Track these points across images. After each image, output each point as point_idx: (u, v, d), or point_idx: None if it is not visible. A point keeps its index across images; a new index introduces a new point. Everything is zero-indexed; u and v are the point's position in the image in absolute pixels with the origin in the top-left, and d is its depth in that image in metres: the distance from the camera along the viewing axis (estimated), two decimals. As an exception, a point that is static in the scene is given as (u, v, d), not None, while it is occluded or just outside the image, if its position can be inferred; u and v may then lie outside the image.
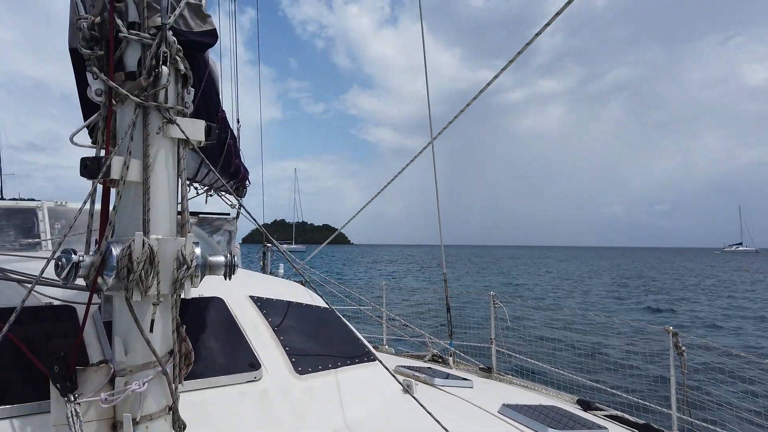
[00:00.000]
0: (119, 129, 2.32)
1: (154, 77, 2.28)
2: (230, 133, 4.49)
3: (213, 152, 4.28)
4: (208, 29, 2.56)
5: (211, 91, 3.50)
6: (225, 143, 4.38)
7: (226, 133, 4.31)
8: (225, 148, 4.44)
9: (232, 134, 4.64)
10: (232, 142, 4.61)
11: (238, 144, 5.30)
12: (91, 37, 2.29)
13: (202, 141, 2.48)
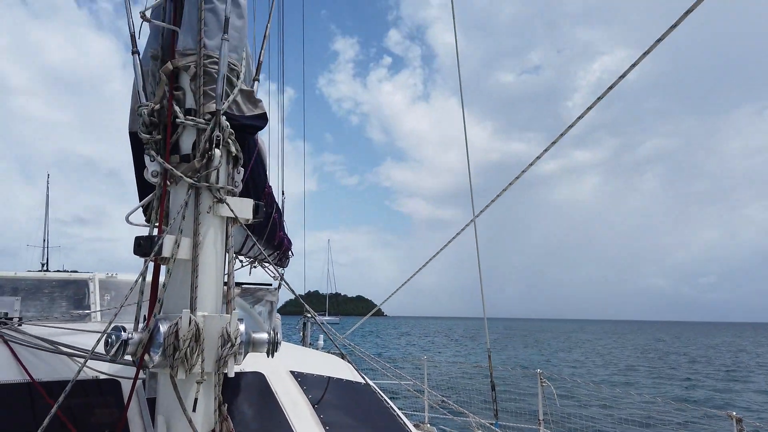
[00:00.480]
0: (172, 208, 2.41)
1: (207, 159, 2.39)
2: (276, 207, 4.61)
3: (259, 226, 4.39)
4: (259, 113, 2.69)
5: (259, 169, 3.63)
6: (270, 217, 4.49)
7: (272, 207, 4.42)
8: (270, 221, 4.54)
9: (277, 208, 4.76)
10: (277, 215, 4.72)
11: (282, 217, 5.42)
12: (150, 123, 2.43)
13: (250, 219, 2.55)
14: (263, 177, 3.83)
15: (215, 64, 2.46)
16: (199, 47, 2.47)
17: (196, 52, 2.47)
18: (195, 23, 2.50)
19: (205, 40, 2.48)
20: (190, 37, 2.51)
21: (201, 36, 2.48)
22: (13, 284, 5.06)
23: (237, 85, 2.56)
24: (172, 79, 2.49)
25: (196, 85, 2.46)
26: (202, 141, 2.40)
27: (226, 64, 2.46)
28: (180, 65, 2.48)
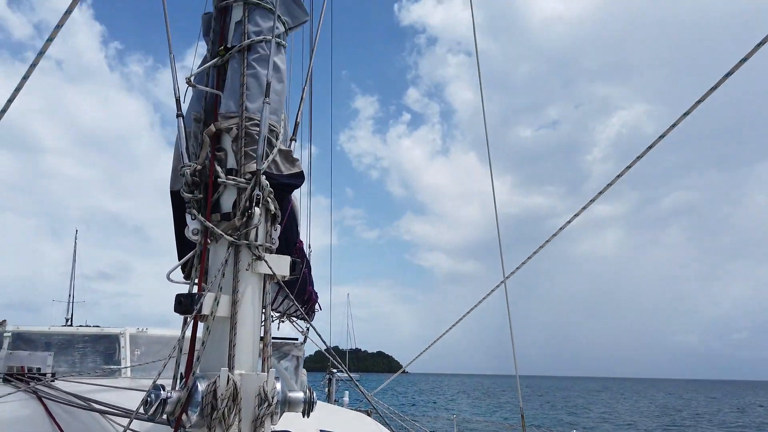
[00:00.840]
0: (211, 266, 2.45)
1: (247, 218, 2.44)
2: (306, 261, 4.65)
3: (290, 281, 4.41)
4: (296, 172, 2.76)
5: (292, 224, 3.69)
6: (301, 272, 4.52)
7: (302, 262, 4.46)
8: (301, 276, 4.57)
9: (307, 262, 4.79)
10: (306, 270, 4.76)
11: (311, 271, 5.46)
12: (192, 182, 2.51)
13: (287, 276, 2.57)
14: (295, 232, 3.88)
15: (256, 126, 2.56)
16: (241, 110, 2.58)
17: (238, 115, 2.57)
18: (238, 87, 2.62)
19: (247, 104, 2.59)
20: (232, 100, 2.62)
21: (243, 100, 2.59)
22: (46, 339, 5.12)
23: (276, 145, 2.65)
24: (214, 141, 2.58)
25: (237, 146, 2.55)
26: (243, 200, 2.46)
27: (266, 125, 2.55)
28: (222, 127, 2.57)
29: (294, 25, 2.98)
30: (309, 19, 3.10)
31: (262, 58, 2.67)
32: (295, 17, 2.96)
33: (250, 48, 2.68)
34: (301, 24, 3.02)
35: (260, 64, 2.66)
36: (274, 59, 2.66)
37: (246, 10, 2.74)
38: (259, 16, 2.74)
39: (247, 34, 2.69)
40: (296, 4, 2.95)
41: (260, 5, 2.74)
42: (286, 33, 2.92)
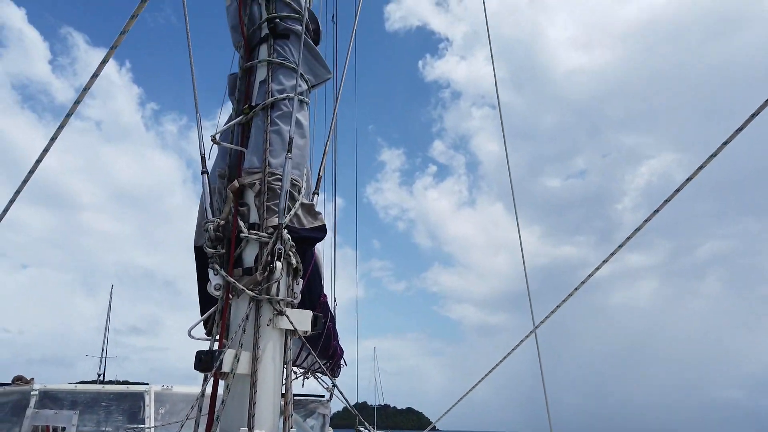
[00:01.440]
0: (233, 322, 2.43)
1: (269, 272, 2.43)
2: (330, 316, 4.59)
3: (314, 335, 4.35)
4: (318, 225, 2.76)
5: (315, 278, 3.66)
6: (325, 326, 4.45)
7: (327, 316, 4.40)
8: (325, 330, 4.50)
9: (331, 317, 4.73)
10: (331, 324, 4.68)
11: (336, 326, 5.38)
12: (215, 238, 2.52)
13: (309, 331, 2.53)
14: (319, 286, 3.85)
15: (279, 180, 2.58)
16: (264, 166, 2.61)
17: (261, 171, 2.60)
18: (261, 144, 2.66)
19: (269, 159, 2.62)
20: (255, 156, 2.66)
21: (266, 155, 2.63)
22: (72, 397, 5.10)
23: (298, 199, 2.66)
24: (237, 196, 2.61)
25: (260, 201, 2.57)
26: (264, 254, 2.46)
27: (288, 180, 2.57)
28: (246, 183, 2.60)
29: (317, 83, 3.05)
30: (332, 77, 3.17)
31: (285, 115, 2.72)
32: (318, 75, 3.03)
33: (274, 106, 2.74)
34: (324, 81, 3.09)
35: (283, 121, 2.71)
36: (296, 116, 2.71)
37: (270, 69, 2.82)
38: (283, 75, 2.82)
39: (271, 93, 2.76)
40: (319, 62, 3.03)
41: (283, 65, 2.82)
42: (309, 90, 2.99)
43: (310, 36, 3.05)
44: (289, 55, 2.84)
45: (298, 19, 2.90)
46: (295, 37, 2.86)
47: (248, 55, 2.94)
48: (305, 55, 2.89)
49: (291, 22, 2.89)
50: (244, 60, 2.95)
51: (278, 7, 2.92)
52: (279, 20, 2.88)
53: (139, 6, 1.86)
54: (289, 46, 2.87)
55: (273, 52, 2.84)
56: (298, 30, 2.86)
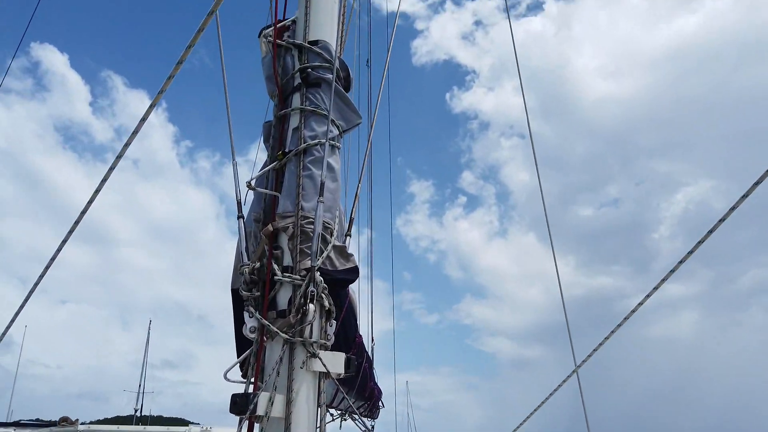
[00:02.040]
0: (267, 364, 2.46)
1: (302, 314, 2.47)
2: (366, 356, 4.57)
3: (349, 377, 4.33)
4: (350, 267, 2.80)
5: (350, 318, 3.68)
6: (361, 367, 4.43)
7: (362, 357, 4.39)
8: (361, 372, 4.48)
9: (367, 357, 4.71)
10: (367, 365, 4.66)
11: (373, 366, 5.34)
12: (251, 281, 2.59)
13: (342, 374, 2.54)
14: (354, 326, 3.86)
15: (311, 224, 2.64)
16: (297, 210, 2.68)
17: (294, 214, 2.68)
18: (294, 188, 2.75)
19: (302, 203, 2.70)
20: (289, 200, 2.74)
21: (299, 200, 2.70)
22: None
23: (330, 242, 2.71)
24: (271, 240, 2.68)
25: (293, 244, 2.63)
26: (298, 297, 2.50)
27: (320, 223, 2.63)
28: (279, 227, 2.68)
29: (348, 128, 3.14)
30: (364, 120, 3.26)
31: (317, 160, 2.80)
32: (349, 121, 3.13)
33: (306, 151, 2.83)
34: (354, 126, 3.18)
35: (315, 166, 2.79)
36: (328, 160, 2.79)
37: (302, 117, 2.92)
38: (315, 122, 2.91)
39: (303, 139, 2.85)
40: (350, 108, 3.13)
41: (315, 112, 2.93)
42: (340, 135, 3.08)
43: (341, 83, 3.16)
44: (321, 103, 2.94)
45: (329, 68, 3.01)
46: (327, 85, 2.97)
47: (282, 103, 3.06)
48: (336, 102, 2.99)
49: (322, 71, 3.01)
50: (278, 108, 3.07)
51: (310, 58, 3.04)
52: (311, 70, 3.00)
53: (184, 52, 1.99)
54: (321, 94, 2.97)
55: (305, 100, 2.95)
56: (329, 78, 2.97)
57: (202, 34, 2.01)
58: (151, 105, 2.29)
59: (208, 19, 1.95)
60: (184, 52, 2.13)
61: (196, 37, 1.96)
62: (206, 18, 1.97)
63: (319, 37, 3.11)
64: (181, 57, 2.13)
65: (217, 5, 1.90)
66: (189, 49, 2.11)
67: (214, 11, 1.94)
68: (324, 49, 3.05)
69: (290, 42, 3.13)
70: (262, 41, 3.24)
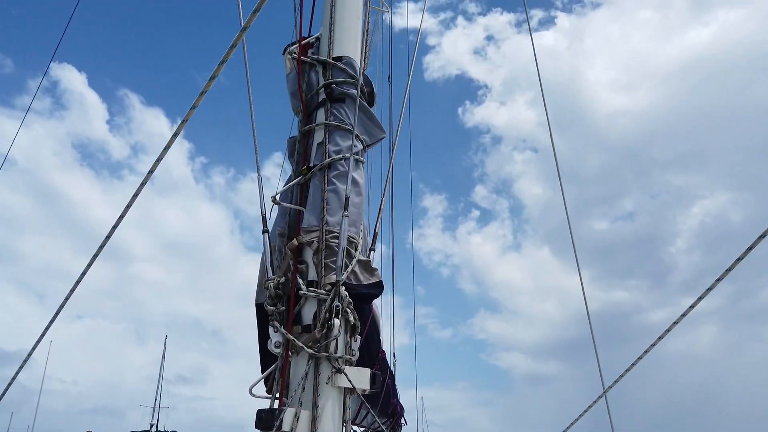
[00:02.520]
0: (292, 380, 2.45)
1: (327, 329, 2.45)
2: (389, 372, 4.53)
3: (373, 393, 4.30)
4: (375, 281, 2.78)
5: (374, 334, 3.65)
6: (384, 383, 4.39)
7: (385, 373, 4.35)
8: (384, 388, 4.44)
9: (390, 373, 4.67)
10: (390, 381, 4.62)
11: (395, 382, 5.29)
12: (275, 295, 2.58)
13: (367, 389, 2.51)
14: (377, 342, 3.83)
15: (336, 238, 2.64)
16: (321, 224, 2.68)
17: (319, 229, 2.68)
18: (319, 203, 2.75)
19: (327, 218, 2.70)
20: (313, 215, 2.74)
21: (324, 214, 2.70)
22: None
23: (355, 256, 2.70)
24: (296, 254, 2.68)
25: (318, 259, 2.63)
26: (323, 311, 2.49)
27: (345, 238, 2.63)
28: (304, 241, 2.68)
29: (372, 142, 3.14)
30: (386, 135, 3.26)
31: (342, 174, 2.81)
32: (373, 135, 3.13)
33: (331, 166, 2.84)
34: (378, 141, 3.18)
35: (340, 180, 2.80)
36: (352, 174, 2.79)
37: (327, 131, 2.94)
38: (339, 137, 2.93)
39: (328, 154, 2.86)
40: (373, 123, 3.14)
41: (340, 127, 2.94)
42: (364, 150, 3.09)
43: (365, 98, 3.17)
44: (345, 118, 2.96)
45: (353, 83, 3.03)
46: (351, 101, 2.99)
47: (306, 119, 3.08)
48: (360, 117, 3.00)
49: (346, 86, 3.03)
50: (303, 124, 3.09)
51: (334, 74, 3.07)
52: (335, 85, 3.02)
53: (208, 83, 2.01)
54: (345, 109, 2.99)
55: (330, 116, 2.96)
56: (353, 94, 2.98)
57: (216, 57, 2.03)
58: (175, 134, 2.31)
59: (230, 52, 1.97)
60: (207, 83, 2.15)
61: (218, 69, 1.99)
62: (228, 50, 1.98)
63: (343, 53, 3.13)
64: (205, 87, 2.15)
65: (239, 38, 1.92)
66: (212, 80, 2.13)
67: (235, 45, 1.96)
68: (348, 64, 3.07)
69: (315, 58, 3.16)
70: (287, 58, 3.28)
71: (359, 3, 3.38)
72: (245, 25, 1.88)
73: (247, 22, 1.85)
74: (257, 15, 1.83)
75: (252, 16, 1.84)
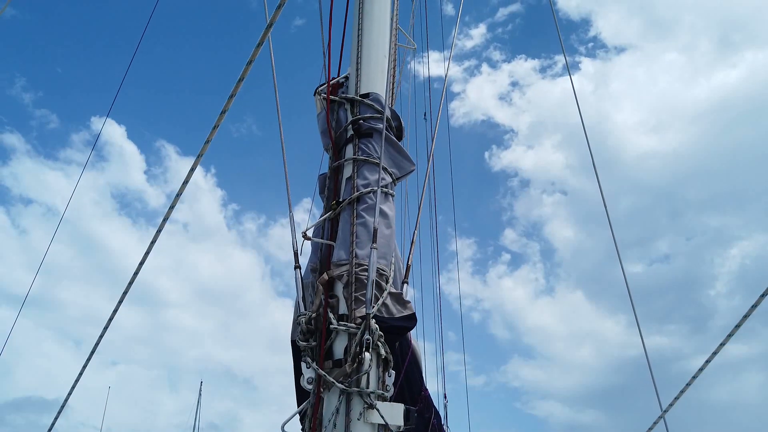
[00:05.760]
0: (324, 416, 2.41)
1: (358, 363, 2.41)
2: (434, 411, 4.39)
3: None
4: (408, 314, 2.73)
5: (414, 371, 3.56)
6: (429, 423, 4.26)
7: (430, 412, 4.22)
8: (429, 427, 4.30)
9: (436, 413, 4.52)
10: (436, 421, 4.47)
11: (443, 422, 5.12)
12: (307, 330, 2.58)
13: (401, 426, 2.44)
14: (419, 380, 3.74)
15: (365, 271, 2.63)
16: (351, 258, 2.68)
17: (348, 262, 2.68)
18: (348, 236, 2.76)
19: (356, 251, 2.70)
20: (343, 249, 2.75)
21: (353, 247, 2.70)
22: None
23: (386, 288, 2.67)
24: (327, 289, 2.68)
25: (348, 292, 2.62)
26: (353, 345, 2.46)
27: (374, 270, 2.61)
28: (334, 275, 2.68)
29: (401, 175, 3.15)
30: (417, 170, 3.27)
31: (370, 207, 2.82)
32: (402, 168, 3.14)
33: (359, 199, 2.86)
34: (408, 174, 3.19)
35: (368, 213, 2.80)
36: (380, 207, 2.80)
37: (355, 166, 2.97)
38: (367, 170, 2.95)
39: (356, 188, 2.89)
40: (402, 156, 3.15)
41: (368, 161, 2.97)
42: (394, 183, 3.09)
43: (393, 132, 3.20)
44: (373, 152, 2.99)
45: (380, 118, 3.07)
46: (378, 134, 3.02)
47: (336, 155, 3.13)
48: (388, 150, 3.03)
49: (373, 121, 3.07)
50: (333, 160, 3.14)
51: (362, 110, 3.12)
52: (362, 121, 3.07)
53: (219, 117, 2.09)
54: (373, 143, 3.02)
55: (358, 150, 3.00)
56: (380, 128, 3.02)
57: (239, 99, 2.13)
58: (192, 169, 2.40)
59: (238, 86, 2.06)
60: (218, 117, 2.26)
61: (228, 102, 2.08)
62: (237, 84, 2.08)
63: (370, 89, 3.19)
64: (216, 122, 2.26)
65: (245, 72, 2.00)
66: (223, 114, 2.23)
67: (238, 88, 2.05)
68: (375, 100, 3.12)
69: (343, 96, 3.23)
70: (317, 99, 3.37)
71: (386, 41, 3.46)
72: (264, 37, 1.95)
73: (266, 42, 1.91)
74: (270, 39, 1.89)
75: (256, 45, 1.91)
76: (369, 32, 3.32)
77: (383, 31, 3.38)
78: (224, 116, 2.05)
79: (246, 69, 2.12)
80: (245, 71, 2.12)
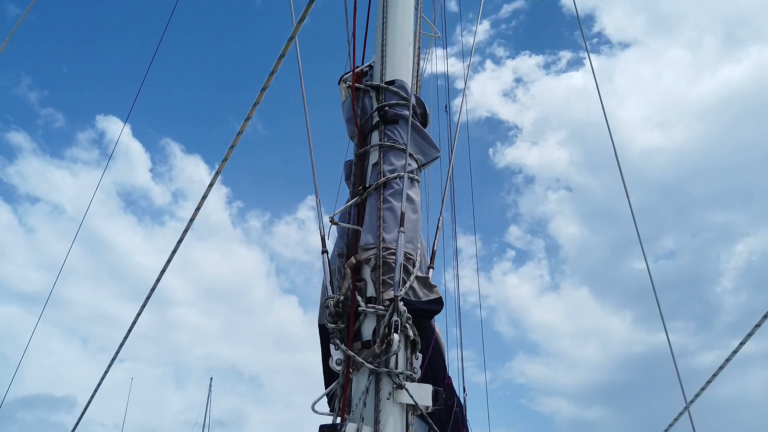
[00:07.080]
0: (354, 396, 2.45)
1: (387, 344, 2.45)
2: (456, 400, 4.41)
3: (440, 420, 4.19)
4: (434, 298, 2.76)
5: (438, 359, 3.59)
6: (452, 411, 4.28)
7: (453, 400, 4.24)
8: (452, 416, 4.33)
9: (459, 402, 4.54)
10: (458, 410, 4.49)
11: (465, 413, 5.14)
12: (336, 313, 2.62)
13: (430, 406, 2.47)
14: (442, 367, 3.76)
15: (393, 254, 2.66)
16: (378, 241, 2.71)
17: (376, 246, 2.71)
18: (375, 221, 2.79)
19: (384, 235, 2.73)
20: (370, 234, 2.78)
21: (380, 231, 2.74)
22: None
23: (413, 272, 2.70)
24: (354, 272, 2.72)
25: (376, 275, 2.65)
26: (382, 327, 2.49)
27: (402, 254, 2.64)
28: (362, 259, 2.71)
29: (427, 162, 3.17)
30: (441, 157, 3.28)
31: (397, 192, 2.84)
32: (427, 154, 3.17)
33: (386, 185, 2.89)
34: (433, 160, 3.21)
35: (395, 198, 2.83)
36: (407, 192, 2.82)
37: (381, 152, 3.00)
38: (393, 156, 2.98)
39: (383, 173, 2.92)
40: (427, 142, 3.18)
41: (394, 147, 2.99)
42: (419, 169, 3.12)
43: (418, 119, 3.22)
44: (399, 138, 3.01)
45: (405, 104, 3.09)
46: (404, 121, 3.05)
47: (362, 142, 3.17)
48: (413, 136, 3.05)
49: (399, 108, 3.09)
50: (358, 147, 3.17)
51: (387, 97, 3.15)
52: (388, 108, 3.09)
53: (236, 137, 2.15)
54: (399, 130, 3.05)
55: (383, 137, 3.03)
56: (406, 114, 3.04)
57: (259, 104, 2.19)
58: (210, 184, 2.47)
59: (262, 95, 2.11)
60: (235, 137, 2.31)
61: (252, 110, 2.14)
62: (260, 93, 2.13)
63: (396, 77, 3.22)
64: (233, 142, 2.32)
65: (286, 48, 2.03)
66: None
67: (269, 81, 2.08)
68: (400, 87, 3.15)
69: (368, 84, 3.26)
70: (342, 87, 3.40)
71: (410, 30, 3.47)
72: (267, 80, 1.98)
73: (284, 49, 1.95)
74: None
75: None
76: (393, 20, 3.34)
77: (408, 18, 3.40)
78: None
79: (278, 63, 2.16)
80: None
